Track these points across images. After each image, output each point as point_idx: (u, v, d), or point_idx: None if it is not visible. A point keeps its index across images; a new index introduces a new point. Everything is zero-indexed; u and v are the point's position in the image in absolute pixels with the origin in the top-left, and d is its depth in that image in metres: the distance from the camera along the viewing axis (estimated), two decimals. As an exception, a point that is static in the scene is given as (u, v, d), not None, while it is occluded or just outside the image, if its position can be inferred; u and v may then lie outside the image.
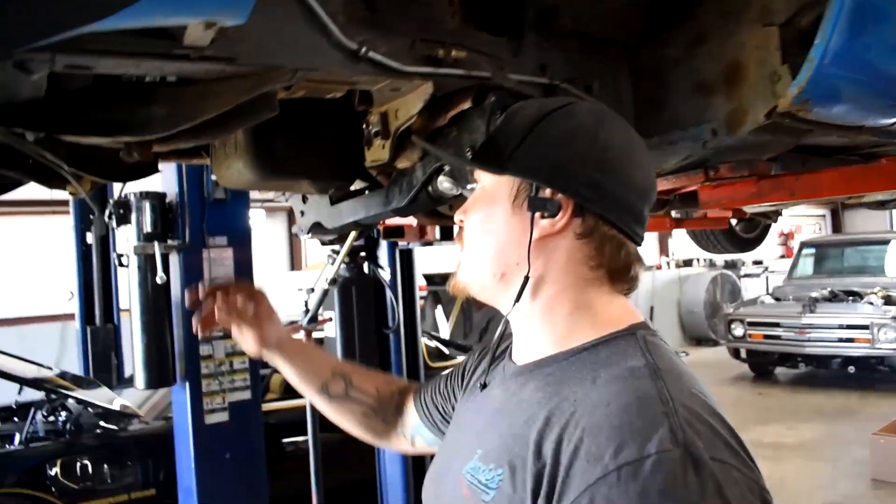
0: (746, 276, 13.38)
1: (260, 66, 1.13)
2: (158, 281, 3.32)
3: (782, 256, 14.39)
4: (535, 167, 0.97)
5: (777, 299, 9.49)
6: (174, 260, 3.54)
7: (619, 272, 0.99)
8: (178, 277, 3.54)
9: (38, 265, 8.38)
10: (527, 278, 0.97)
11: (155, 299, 3.40)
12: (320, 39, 1.19)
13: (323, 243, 2.73)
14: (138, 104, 1.16)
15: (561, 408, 0.87)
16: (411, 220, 2.86)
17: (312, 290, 3.66)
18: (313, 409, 3.55)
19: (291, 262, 10.24)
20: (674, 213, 4.17)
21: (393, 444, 1.43)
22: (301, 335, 3.60)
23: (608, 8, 1.65)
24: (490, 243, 1.01)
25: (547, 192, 0.96)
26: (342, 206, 1.83)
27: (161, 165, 2.04)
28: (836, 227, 16.21)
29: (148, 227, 3.39)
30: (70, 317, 6.24)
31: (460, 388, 1.25)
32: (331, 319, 3.59)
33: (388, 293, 3.69)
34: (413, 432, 1.38)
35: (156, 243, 3.36)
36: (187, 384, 3.52)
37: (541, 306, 0.99)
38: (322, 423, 3.80)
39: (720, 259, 13.68)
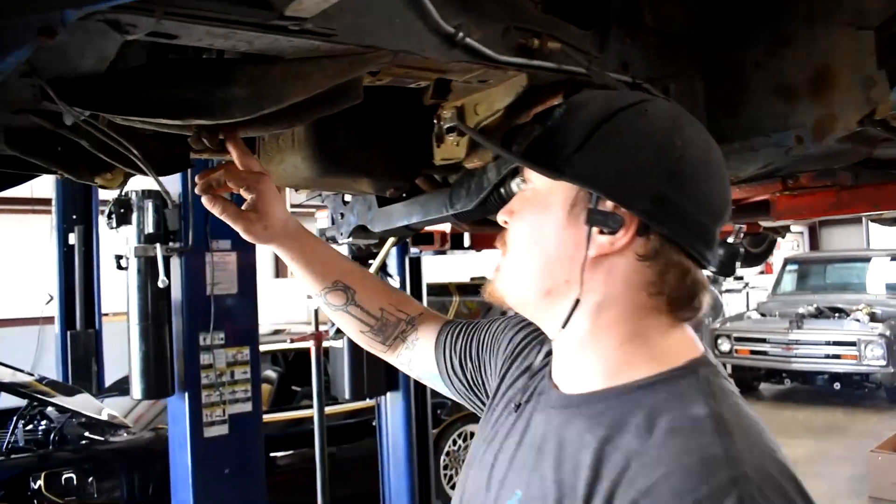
0: (727, 291, 13.41)
1: (357, 46, 1.01)
2: (160, 285, 3.16)
3: (762, 272, 14.44)
4: (596, 175, 0.84)
5: (763, 315, 9.53)
6: (175, 263, 3.39)
7: (682, 301, 0.87)
8: (179, 282, 3.39)
9: (14, 265, 8.08)
10: (577, 301, 0.86)
11: (155, 304, 3.25)
12: (416, 21, 1.08)
13: (359, 249, 2.59)
14: (216, 84, 1.03)
15: (612, 459, 0.79)
16: (444, 227, 2.74)
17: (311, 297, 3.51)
18: (321, 422, 3.40)
19: (277, 269, 10.01)
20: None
21: (393, 362, 1.34)
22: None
23: (688, 5, 1.56)
24: (538, 255, 0.90)
25: (608, 205, 0.85)
26: (393, 208, 1.71)
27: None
28: (814, 244, 16.38)
29: (150, 228, 3.23)
30: (48, 320, 6.00)
31: (495, 373, 1.13)
32: (339, 330, 3.44)
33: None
34: (424, 376, 1.30)
35: (157, 245, 3.20)
36: (186, 395, 3.36)
37: (590, 333, 0.88)
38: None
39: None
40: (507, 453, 0.95)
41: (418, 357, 1.28)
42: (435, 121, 1.44)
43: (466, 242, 3.66)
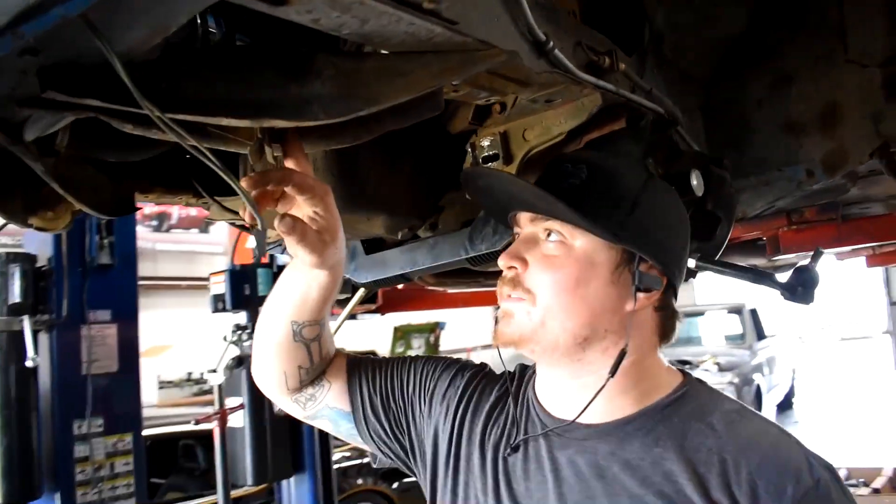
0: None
1: (475, 41, 0.84)
2: (28, 364, 2.68)
3: (603, 330, 15.11)
4: (646, 241, 0.96)
5: (620, 370, 9.87)
6: (43, 339, 2.89)
7: (670, 337, 1.03)
8: (49, 360, 2.89)
9: None
10: (623, 352, 0.95)
11: (19, 388, 2.74)
12: (510, 23, 0.93)
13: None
14: (291, 78, 0.81)
15: (699, 459, 0.90)
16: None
17: (214, 371, 3.13)
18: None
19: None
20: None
21: (285, 405, 1.20)
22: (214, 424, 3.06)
23: (698, 42, 1.54)
24: (585, 308, 0.96)
25: (645, 267, 0.96)
26: (387, 254, 1.50)
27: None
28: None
29: (15, 297, 2.73)
30: None
31: (433, 416, 1.12)
32: (242, 406, 3.07)
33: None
34: (327, 415, 1.18)
35: (25, 318, 2.71)
36: (57, 496, 2.83)
37: (619, 372, 0.96)
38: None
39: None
40: (538, 494, 0.98)
41: (324, 394, 1.18)
42: (469, 149, 1.27)
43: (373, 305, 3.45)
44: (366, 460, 5.00)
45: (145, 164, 1.46)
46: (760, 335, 10.08)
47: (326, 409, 1.18)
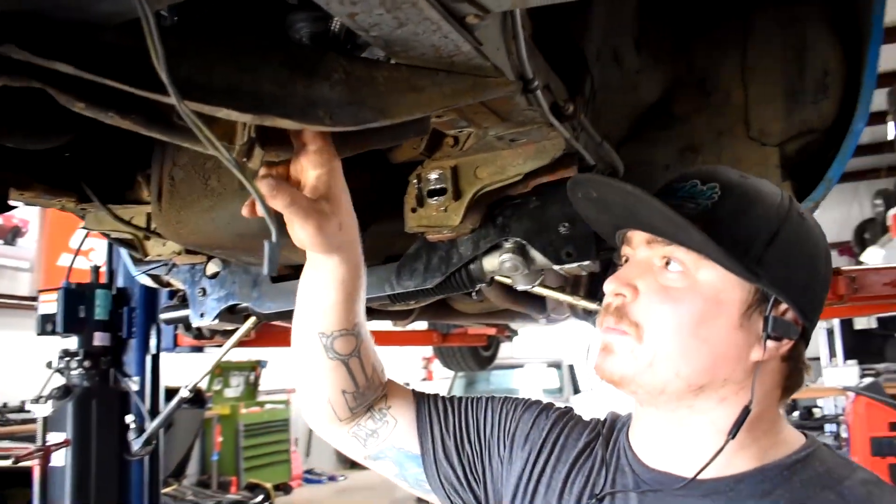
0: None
1: (492, 66, 0.80)
2: None
3: (424, 379, 15.22)
4: (786, 282, 0.83)
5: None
6: None
7: (794, 392, 0.90)
8: None
9: None
10: (748, 409, 0.83)
11: None
12: (505, 54, 0.90)
13: (200, 337, 2.01)
14: (299, 76, 0.71)
15: None
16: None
17: (40, 399, 2.75)
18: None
19: None
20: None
21: (342, 440, 1.07)
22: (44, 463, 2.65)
23: (619, 104, 1.60)
24: (706, 352, 0.83)
25: (779, 310, 0.84)
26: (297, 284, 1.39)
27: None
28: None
29: None
30: None
31: (511, 458, 1.01)
32: (67, 443, 2.71)
33: (141, 408, 2.93)
34: (391, 456, 1.06)
35: None
36: None
37: (729, 426, 0.85)
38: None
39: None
40: None
41: (389, 432, 1.05)
42: (415, 181, 1.21)
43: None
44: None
45: (26, 157, 1.27)
46: (576, 389, 10.62)
47: (392, 450, 1.05)
